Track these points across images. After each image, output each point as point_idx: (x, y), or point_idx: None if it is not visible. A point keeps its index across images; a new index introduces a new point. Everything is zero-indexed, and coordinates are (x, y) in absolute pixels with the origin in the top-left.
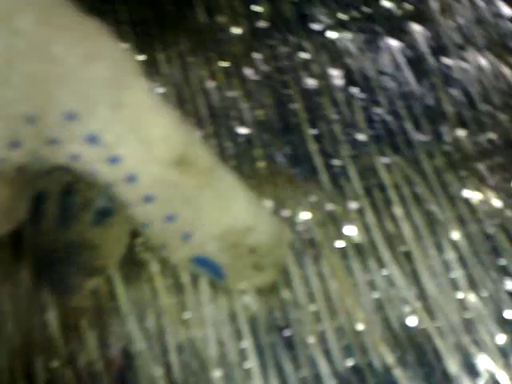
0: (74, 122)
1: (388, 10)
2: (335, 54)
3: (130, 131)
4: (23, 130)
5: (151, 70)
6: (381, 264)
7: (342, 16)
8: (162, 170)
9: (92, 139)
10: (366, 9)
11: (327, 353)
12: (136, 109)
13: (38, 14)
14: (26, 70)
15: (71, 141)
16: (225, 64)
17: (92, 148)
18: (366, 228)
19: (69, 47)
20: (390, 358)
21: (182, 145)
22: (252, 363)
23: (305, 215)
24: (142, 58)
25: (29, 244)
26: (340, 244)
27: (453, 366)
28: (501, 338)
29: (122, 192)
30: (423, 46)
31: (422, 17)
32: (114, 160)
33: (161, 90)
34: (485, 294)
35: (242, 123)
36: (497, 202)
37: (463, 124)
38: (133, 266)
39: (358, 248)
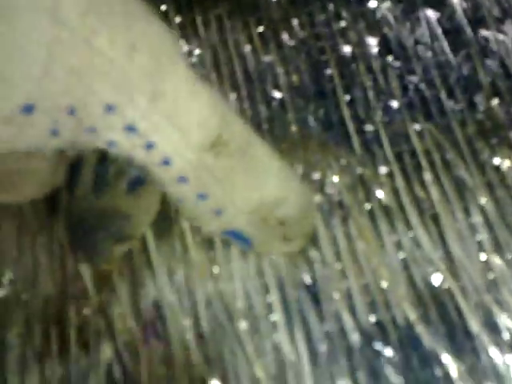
0: (113, 113)
1: None
2: (373, 23)
3: (166, 119)
4: (63, 121)
5: (189, 32)
6: (408, 226)
7: None
8: (196, 155)
9: (130, 129)
10: None
11: (352, 308)
12: (173, 96)
13: (84, 2)
14: (68, 62)
15: (109, 130)
16: (262, 29)
17: (129, 136)
18: (394, 192)
19: (112, 38)
20: (412, 315)
21: (218, 128)
22: (277, 316)
23: (335, 178)
24: (180, 19)
25: (63, 210)
26: (368, 206)
27: (474, 323)
28: None
29: (155, 173)
30: (461, 17)
31: None
32: (149, 146)
33: (197, 52)
34: (509, 256)
35: (277, 87)
36: None
37: (497, 94)
38: (165, 221)
39: (386, 210)
